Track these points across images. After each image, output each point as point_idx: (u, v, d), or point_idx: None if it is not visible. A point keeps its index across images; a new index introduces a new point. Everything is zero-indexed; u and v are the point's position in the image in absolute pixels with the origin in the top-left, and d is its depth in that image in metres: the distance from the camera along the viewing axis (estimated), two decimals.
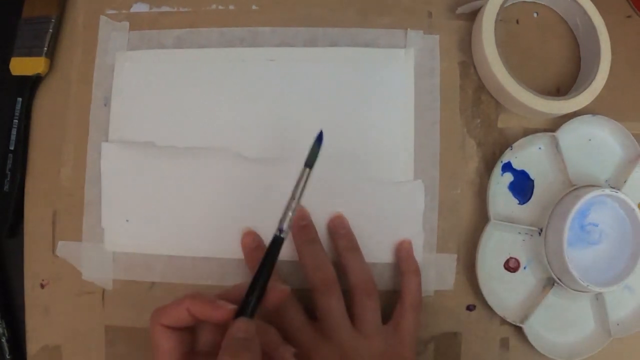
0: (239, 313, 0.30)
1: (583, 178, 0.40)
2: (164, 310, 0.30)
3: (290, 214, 0.32)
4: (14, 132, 0.41)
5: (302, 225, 0.39)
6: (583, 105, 0.40)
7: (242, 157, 0.40)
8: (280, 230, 0.32)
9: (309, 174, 0.32)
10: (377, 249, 0.40)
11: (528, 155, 0.41)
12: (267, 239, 0.39)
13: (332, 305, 0.36)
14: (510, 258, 0.40)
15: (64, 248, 0.40)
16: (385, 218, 0.40)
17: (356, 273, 0.37)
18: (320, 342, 0.35)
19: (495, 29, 0.40)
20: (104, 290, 0.40)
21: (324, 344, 0.35)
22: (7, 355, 0.40)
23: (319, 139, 0.33)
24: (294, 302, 0.37)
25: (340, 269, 0.37)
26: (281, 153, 0.40)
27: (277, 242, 0.32)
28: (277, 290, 0.32)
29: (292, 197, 0.32)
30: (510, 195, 0.41)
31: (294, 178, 0.40)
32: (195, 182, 0.40)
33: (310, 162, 0.32)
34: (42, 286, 0.40)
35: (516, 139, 0.40)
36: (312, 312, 0.37)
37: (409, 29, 0.42)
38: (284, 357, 0.31)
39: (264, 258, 0.32)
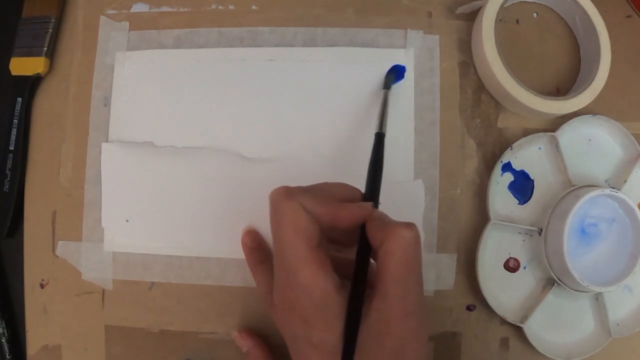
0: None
1: (583, 178, 0.40)
2: (307, 197, 0.28)
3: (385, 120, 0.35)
4: (13, 132, 0.41)
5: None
6: (583, 105, 0.40)
7: (242, 157, 0.40)
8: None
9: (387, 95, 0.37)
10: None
11: (528, 155, 0.41)
12: (267, 239, 0.40)
13: None
14: (510, 258, 0.40)
15: (63, 248, 0.41)
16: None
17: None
18: None
19: (495, 29, 0.40)
20: (103, 290, 0.40)
21: None
22: (7, 355, 0.40)
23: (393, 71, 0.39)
24: None
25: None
26: (281, 153, 0.40)
27: (380, 138, 0.33)
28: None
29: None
30: (510, 195, 0.41)
31: (294, 178, 0.40)
32: (195, 182, 0.40)
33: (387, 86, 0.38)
34: (42, 286, 0.40)
35: (516, 139, 0.40)
36: None
37: (408, 29, 0.42)
38: None
39: (373, 157, 0.32)
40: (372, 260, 0.30)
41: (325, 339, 0.26)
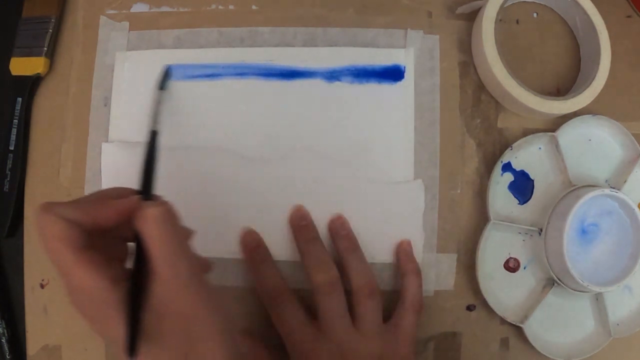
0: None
1: (583, 178, 0.40)
2: (62, 207, 0.28)
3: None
4: (14, 132, 0.41)
5: (302, 225, 0.39)
6: (583, 105, 0.40)
7: (242, 157, 0.40)
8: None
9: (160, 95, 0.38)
10: (377, 249, 0.40)
11: (528, 156, 0.41)
12: (266, 238, 0.40)
13: (334, 305, 0.36)
14: (510, 258, 0.40)
15: None
16: (385, 218, 0.40)
17: (358, 274, 0.37)
18: (319, 341, 0.35)
19: (495, 29, 0.40)
20: None
21: (323, 343, 0.35)
22: (7, 355, 0.40)
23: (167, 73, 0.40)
24: (294, 301, 0.37)
25: (341, 269, 0.37)
26: (281, 153, 0.40)
27: (154, 135, 0.34)
28: (206, 261, 0.33)
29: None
30: (510, 195, 0.41)
31: (294, 178, 0.40)
32: (194, 182, 0.40)
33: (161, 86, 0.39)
34: (42, 286, 0.40)
35: (516, 139, 0.40)
36: (312, 312, 0.37)
37: (408, 29, 0.42)
38: None
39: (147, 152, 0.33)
40: None
41: (115, 334, 0.26)
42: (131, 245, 0.30)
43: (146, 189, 0.31)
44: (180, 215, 0.30)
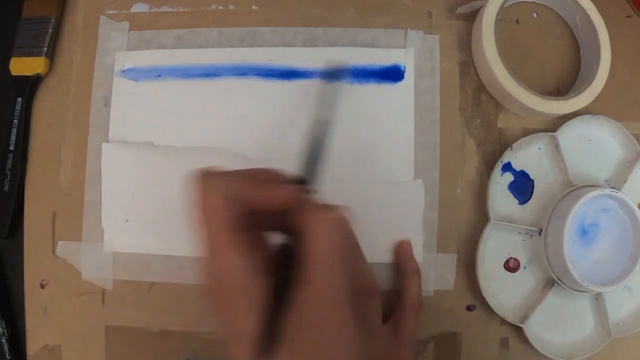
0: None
1: (583, 178, 0.40)
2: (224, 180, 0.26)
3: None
4: (13, 132, 0.41)
5: None
6: (583, 105, 0.40)
7: (242, 157, 0.40)
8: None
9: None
10: (377, 249, 0.40)
11: (528, 156, 0.41)
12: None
13: None
14: (510, 258, 0.40)
15: (63, 248, 0.40)
16: (385, 218, 0.40)
17: (358, 274, 0.37)
18: None
19: (495, 29, 0.40)
20: (104, 290, 0.40)
21: None
22: (7, 355, 0.40)
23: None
24: None
25: None
26: (281, 153, 0.40)
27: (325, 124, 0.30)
28: None
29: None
30: (510, 195, 0.41)
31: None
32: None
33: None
34: (42, 286, 0.40)
35: (516, 139, 0.40)
36: None
37: (408, 29, 0.42)
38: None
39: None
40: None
41: (244, 326, 0.25)
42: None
43: (309, 179, 0.29)
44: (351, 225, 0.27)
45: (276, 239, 0.29)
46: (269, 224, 0.28)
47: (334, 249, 0.25)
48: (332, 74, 0.36)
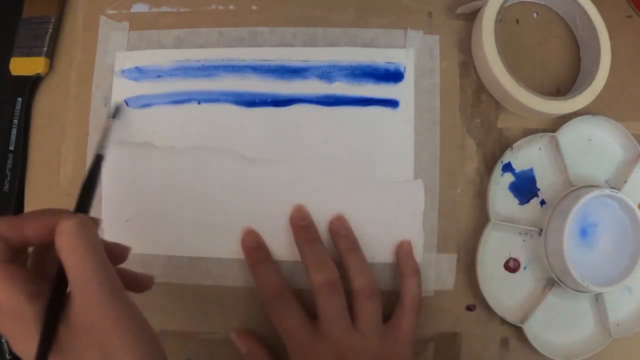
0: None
1: (583, 178, 0.40)
2: None
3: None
4: (13, 132, 0.41)
5: (303, 225, 0.39)
6: (583, 105, 0.40)
7: (242, 157, 0.40)
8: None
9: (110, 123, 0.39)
10: (377, 249, 0.40)
11: (528, 156, 0.41)
12: (267, 239, 0.40)
13: (334, 305, 0.36)
14: (510, 258, 0.40)
15: None
16: (385, 218, 0.40)
17: (358, 274, 0.37)
18: (318, 341, 0.35)
19: (495, 29, 0.40)
20: None
21: (321, 343, 0.35)
22: (7, 356, 0.40)
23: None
24: (294, 301, 0.37)
25: (342, 269, 0.37)
26: (281, 153, 0.40)
27: (98, 159, 0.35)
28: (144, 278, 0.34)
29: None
30: (510, 195, 0.41)
31: (294, 178, 0.40)
32: (195, 182, 0.40)
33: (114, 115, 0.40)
34: None
35: (516, 139, 0.40)
36: (312, 312, 0.37)
37: (408, 29, 0.42)
38: None
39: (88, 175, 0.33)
40: None
41: (26, 349, 0.26)
42: None
43: (80, 210, 0.32)
44: (97, 230, 0.30)
45: None
46: (48, 258, 0.31)
47: (80, 249, 0.27)
48: (114, 112, 0.40)
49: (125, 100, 0.41)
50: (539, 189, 0.41)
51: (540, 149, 0.41)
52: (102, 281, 0.27)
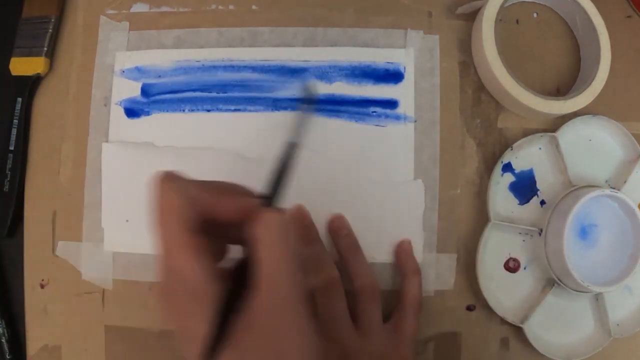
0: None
1: (583, 178, 0.40)
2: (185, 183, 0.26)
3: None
4: (13, 132, 0.41)
5: (302, 226, 0.39)
6: (583, 105, 0.40)
7: (242, 157, 0.40)
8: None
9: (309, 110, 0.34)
10: (377, 249, 0.40)
11: (528, 156, 0.41)
12: None
13: (334, 305, 0.36)
14: (510, 258, 0.40)
15: (64, 248, 0.40)
16: (385, 218, 0.40)
17: (358, 274, 0.37)
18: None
19: (495, 29, 0.40)
20: (104, 290, 0.40)
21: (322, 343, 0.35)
22: (7, 355, 0.40)
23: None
24: None
25: (342, 269, 0.37)
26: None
27: (292, 146, 0.31)
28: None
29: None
30: (510, 195, 0.41)
31: (294, 178, 0.40)
32: None
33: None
34: (42, 286, 0.40)
35: (516, 139, 0.40)
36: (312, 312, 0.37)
37: (408, 29, 0.42)
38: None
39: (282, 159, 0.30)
40: None
41: (194, 331, 0.24)
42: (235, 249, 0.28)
43: (272, 196, 0.29)
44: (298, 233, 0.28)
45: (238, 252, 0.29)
46: (229, 235, 0.29)
47: (278, 246, 0.26)
48: (307, 102, 0.37)
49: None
50: (539, 189, 0.41)
51: (540, 149, 0.41)
52: (294, 286, 0.25)
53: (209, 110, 0.41)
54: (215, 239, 0.28)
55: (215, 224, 0.27)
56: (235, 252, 0.29)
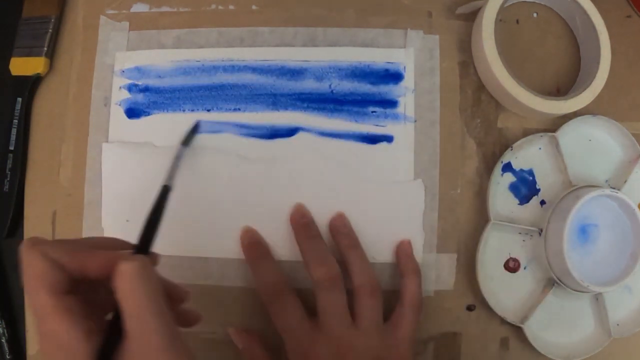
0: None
1: (583, 178, 0.40)
2: (51, 244, 0.27)
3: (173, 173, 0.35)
4: (13, 132, 0.41)
5: (303, 223, 0.39)
6: (583, 105, 0.40)
7: (242, 157, 0.40)
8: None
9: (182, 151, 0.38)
10: (377, 249, 0.40)
11: (528, 156, 0.41)
12: (267, 238, 0.40)
13: (334, 301, 0.36)
14: (510, 258, 0.40)
15: None
16: (385, 218, 0.40)
17: (359, 272, 0.37)
18: (317, 337, 0.35)
19: (495, 29, 0.40)
20: None
21: (320, 339, 0.35)
22: (7, 356, 0.40)
23: (195, 128, 0.40)
24: (293, 297, 0.37)
25: (342, 268, 0.37)
26: (281, 153, 0.40)
27: (165, 190, 0.34)
28: (193, 315, 0.33)
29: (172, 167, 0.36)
30: (510, 195, 0.41)
31: (295, 177, 0.40)
32: (194, 182, 0.40)
33: (186, 142, 0.39)
34: None
35: (516, 139, 0.40)
36: (312, 312, 0.37)
37: (408, 29, 0.42)
38: None
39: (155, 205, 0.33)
40: None
41: None
42: None
43: (142, 246, 0.31)
44: (157, 271, 0.29)
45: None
46: (101, 290, 0.30)
47: (138, 293, 0.26)
48: (185, 138, 0.39)
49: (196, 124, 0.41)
50: (539, 189, 0.41)
51: (540, 149, 0.41)
52: (160, 329, 0.26)
53: (209, 110, 0.41)
54: (93, 294, 0.29)
55: (88, 280, 0.28)
56: None
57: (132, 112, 0.41)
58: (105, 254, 0.28)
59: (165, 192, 0.34)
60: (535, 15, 0.44)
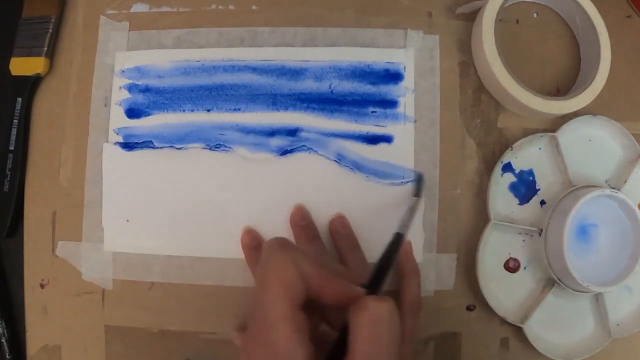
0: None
1: (583, 178, 0.40)
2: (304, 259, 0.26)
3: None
4: (13, 132, 0.41)
5: (303, 225, 0.39)
6: (583, 105, 0.40)
7: (242, 157, 0.40)
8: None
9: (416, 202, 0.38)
10: (377, 249, 0.39)
11: (528, 156, 0.41)
12: (267, 238, 0.39)
13: None
14: (510, 258, 0.40)
15: (63, 248, 0.41)
16: (385, 218, 0.40)
17: (358, 273, 0.37)
18: None
19: (495, 29, 0.40)
20: (103, 290, 0.40)
21: None
22: (7, 355, 0.40)
23: (420, 178, 0.40)
24: None
25: None
26: (274, 154, 0.40)
27: (397, 239, 0.33)
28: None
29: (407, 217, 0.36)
30: (510, 195, 0.41)
31: (294, 178, 0.40)
32: (195, 182, 0.40)
33: (417, 194, 0.38)
34: (42, 286, 0.40)
35: (516, 139, 0.40)
36: None
37: (408, 29, 0.42)
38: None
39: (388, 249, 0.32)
40: None
41: None
42: None
43: (373, 286, 0.30)
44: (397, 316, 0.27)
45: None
46: (322, 316, 0.29)
47: (381, 340, 0.25)
48: (416, 189, 0.38)
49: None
50: (539, 189, 0.41)
51: (540, 149, 0.41)
52: None
53: (209, 110, 0.41)
54: (311, 317, 0.27)
55: (314, 303, 0.27)
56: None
57: (132, 112, 0.41)
58: (348, 285, 0.27)
59: (397, 240, 0.33)
60: (535, 15, 0.44)
